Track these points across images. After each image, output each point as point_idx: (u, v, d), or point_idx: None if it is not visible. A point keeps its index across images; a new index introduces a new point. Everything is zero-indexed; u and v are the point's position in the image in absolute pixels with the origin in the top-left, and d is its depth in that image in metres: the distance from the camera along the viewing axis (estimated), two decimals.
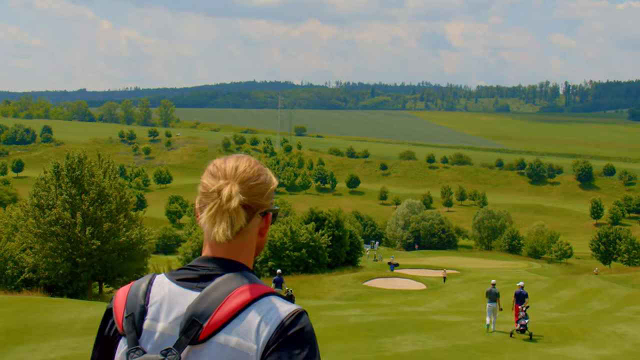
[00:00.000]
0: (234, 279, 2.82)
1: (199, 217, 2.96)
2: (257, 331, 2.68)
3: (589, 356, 26.61)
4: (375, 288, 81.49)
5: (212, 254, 2.94)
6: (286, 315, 2.72)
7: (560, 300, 70.39)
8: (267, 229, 3.00)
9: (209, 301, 2.74)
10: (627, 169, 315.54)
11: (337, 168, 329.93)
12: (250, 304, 2.74)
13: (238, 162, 2.97)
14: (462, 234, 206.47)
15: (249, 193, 2.88)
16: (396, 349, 27.03)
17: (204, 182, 2.96)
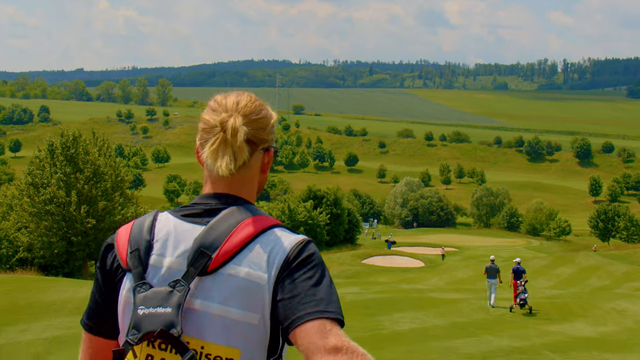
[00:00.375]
0: (239, 211, 2.79)
1: (199, 154, 2.95)
2: (267, 261, 2.65)
3: (590, 333, 26.23)
4: (373, 266, 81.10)
5: (214, 190, 2.92)
6: (295, 244, 2.70)
7: (559, 278, 70.08)
8: (269, 165, 2.99)
9: (217, 233, 2.71)
10: (626, 146, 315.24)
11: (336, 146, 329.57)
12: (258, 234, 2.71)
13: (239, 97, 2.95)
14: (461, 211, 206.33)
15: (252, 127, 2.86)
16: (394, 327, 26.63)
17: (205, 118, 2.94)
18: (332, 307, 2.56)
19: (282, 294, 2.61)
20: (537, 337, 24.09)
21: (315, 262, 2.68)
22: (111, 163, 56.87)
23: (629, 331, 26.81)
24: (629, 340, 23.62)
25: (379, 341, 22.98)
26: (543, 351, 19.16)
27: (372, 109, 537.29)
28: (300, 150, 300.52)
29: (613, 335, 25.30)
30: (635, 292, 49.24)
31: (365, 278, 68.68)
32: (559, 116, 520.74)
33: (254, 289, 2.64)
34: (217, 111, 2.91)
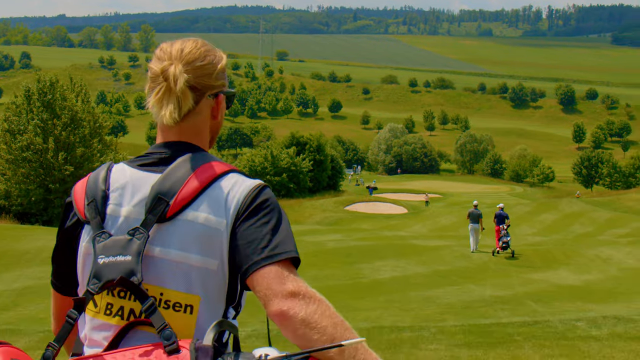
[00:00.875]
0: (195, 158, 2.76)
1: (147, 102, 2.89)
2: (225, 205, 2.65)
3: (573, 281, 25.77)
4: (356, 212, 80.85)
5: (165, 139, 2.89)
6: (251, 188, 2.68)
7: (542, 224, 69.90)
8: (219, 111, 2.92)
9: (174, 179, 2.69)
10: (610, 93, 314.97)
11: (319, 92, 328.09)
12: (215, 179, 2.69)
13: (184, 44, 2.89)
14: (445, 158, 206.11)
15: (196, 74, 2.81)
16: (374, 275, 26.18)
17: (150, 66, 2.88)
18: (289, 250, 2.57)
19: (239, 240, 2.61)
20: (520, 286, 23.62)
21: (271, 207, 2.67)
22: (89, 109, 55.92)
23: (613, 279, 26.38)
24: (614, 289, 23.14)
25: (359, 290, 22.51)
26: (526, 301, 18.66)
27: (356, 55, 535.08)
28: (284, 96, 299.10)
29: (597, 284, 24.84)
30: (618, 239, 48.93)
31: (348, 225, 68.42)
32: (543, 63, 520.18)
33: (213, 235, 2.63)
34: (162, 59, 2.85)
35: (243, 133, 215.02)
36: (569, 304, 18.23)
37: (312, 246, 32.24)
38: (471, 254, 33.52)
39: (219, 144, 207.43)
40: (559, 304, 18.19)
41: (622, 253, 33.06)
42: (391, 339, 12.86)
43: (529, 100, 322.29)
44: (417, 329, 13.87)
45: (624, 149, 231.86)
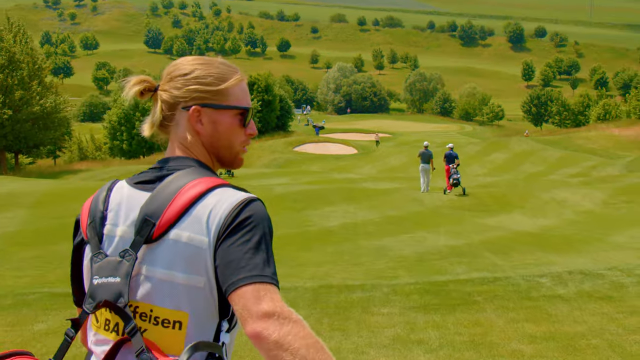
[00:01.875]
0: (185, 174, 2.80)
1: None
2: (207, 223, 2.65)
3: (530, 227, 24.82)
4: (305, 153, 79.98)
5: (166, 154, 2.96)
6: (235, 205, 2.67)
7: (492, 164, 69.45)
8: (200, 125, 2.89)
9: (160, 199, 2.74)
10: (558, 31, 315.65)
11: (268, 32, 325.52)
12: (200, 197, 2.71)
13: (182, 59, 2.97)
14: (394, 97, 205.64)
15: (170, 86, 2.87)
16: (323, 223, 25.03)
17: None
18: (268, 271, 2.57)
19: (220, 259, 2.63)
20: (475, 234, 22.54)
21: (253, 225, 2.65)
22: (28, 50, 53.97)
23: (570, 224, 25.48)
24: (573, 236, 22.13)
25: (307, 240, 21.32)
26: (483, 253, 17.56)
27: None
28: (232, 36, 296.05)
29: (555, 230, 23.89)
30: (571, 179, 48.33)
31: (297, 166, 67.53)
32: (491, 1, 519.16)
33: (196, 253, 2.65)
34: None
35: None
36: (529, 255, 17.18)
37: (259, 191, 30.95)
38: (423, 197, 32.59)
39: None
40: (518, 255, 17.13)
41: (578, 195, 32.17)
42: (340, 301, 11.74)
43: (478, 39, 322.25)
44: (368, 288, 12.76)
45: (572, 86, 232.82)
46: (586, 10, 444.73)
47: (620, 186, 34.83)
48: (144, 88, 2.89)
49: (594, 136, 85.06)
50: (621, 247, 18.86)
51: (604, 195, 32.01)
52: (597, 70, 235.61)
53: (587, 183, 39.26)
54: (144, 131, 2.91)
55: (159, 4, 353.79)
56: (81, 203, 2.97)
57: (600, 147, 79.14)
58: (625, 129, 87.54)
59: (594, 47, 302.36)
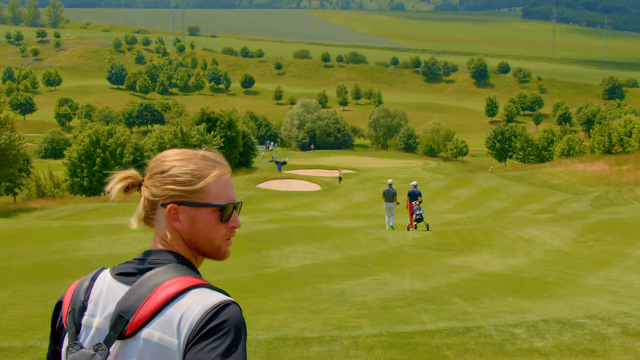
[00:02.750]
0: (164, 272, 2.81)
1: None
2: (178, 325, 2.65)
3: (499, 267, 23.79)
4: (268, 190, 78.97)
5: (153, 246, 2.99)
6: (208, 309, 2.66)
7: (457, 200, 68.80)
8: (177, 222, 2.93)
9: (136, 296, 2.76)
10: (522, 67, 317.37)
11: (232, 68, 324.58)
12: (175, 297, 2.72)
13: (165, 152, 3.05)
14: (358, 133, 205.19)
15: (149, 183, 2.94)
16: (282, 264, 23.87)
17: None
18: None
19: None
20: (442, 275, 21.45)
21: (225, 330, 2.63)
22: None
23: (540, 264, 24.48)
24: (544, 278, 21.09)
25: (264, 284, 20.11)
26: (451, 298, 16.44)
27: (268, 29, 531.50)
28: (196, 72, 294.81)
29: (525, 271, 22.85)
30: (538, 216, 47.76)
31: (260, 203, 66.43)
32: (455, 37, 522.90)
33: (166, 354, 2.66)
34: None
35: (154, 110, 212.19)
36: (500, 300, 16.08)
37: None
38: (387, 235, 31.57)
39: (129, 120, 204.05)
40: (488, 300, 16.03)
41: (546, 233, 31.20)
42: (295, 357, 10.60)
43: (442, 74, 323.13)
44: (327, 340, 11.62)
45: (536, 122, 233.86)
46: (549, 47, 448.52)
47: (588, 223, 33.94)
48: (128, 184, 2.96)
49: (559, 172, 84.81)
50: (597, 291, 17.86)
51: (573, 233, 31.08)
52: (560, 106, 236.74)
53: (555, 220, 38.53)
54: (132, 224, 2.96)
55: (122, 40, 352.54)
56: (25, 245, 3.06)
57: (565, 183, 78.90)
58: (590, 164, 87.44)
59: (557, 82, 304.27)
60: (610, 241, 28.92)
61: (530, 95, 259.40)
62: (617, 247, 27.91)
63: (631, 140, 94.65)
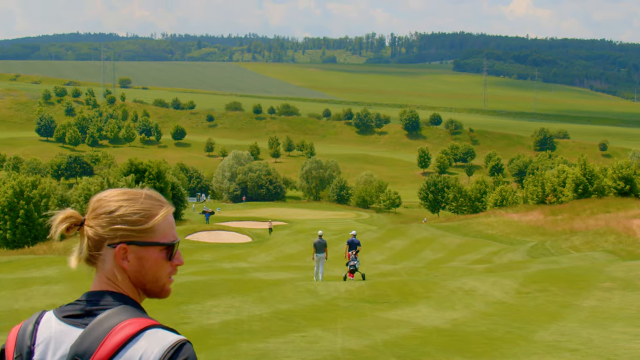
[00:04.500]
0: (117, 313, 2.82)
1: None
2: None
3: (438, 321, 21.81)
4: (197, 242, 77.01)
5: (92, 288, 2.99)
6: (167, 348, 2.68)
7: (392, 250, 67.75)
8: (126, 262, 2.95)
9: (91, 339, 2.75)
10: (453, 118, 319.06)
11: (163, 120, 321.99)
12: (131, 339, 2.71)
13: (107, 192, 3.06)
14: (290, 184, 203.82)
15: (94, 222, 2.94)
16: (202, 320, 21.62)
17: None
18: None
19: None
20: (378, 331, 19.34)
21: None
22: None
23: (484, 317, 22.53)
24: (490, 333, 19.06)
25: None
26: (389, 358, 14.42)
27: (200, 82, 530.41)
28: (126, 124, 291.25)
29: (467, 325, 20.87)
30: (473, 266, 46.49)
31: (189, 255, 64.31)
32: (387, 90, 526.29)
33: None
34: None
35: (83, 162, 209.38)
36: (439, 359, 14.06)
37: None
38: (318, 288, 29.43)
39: (57, 172, 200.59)
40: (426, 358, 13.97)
41: (487, 284, 29.28)
42: None
43: (374, 126, 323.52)
44: None
45: (468, 173, 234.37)
46: (480, 99, 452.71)
47: (529, 273, 32.29)
48: (70, 224, 2.93)
49: (494, 222, 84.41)
50: (554, 349, 15.92)
51: (515, 283, 29.23)
52: (492, 157, 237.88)
53: (492, 270, 37.20)
54: (71, 263, 2.93)
55: (52, 92, 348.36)
56: None
57: (500, 233, 78.46)
58: (525, 214, 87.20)
59: (488, 134, 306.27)
60: (556, 292, 27.16)
61: (462, 146, 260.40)
62: (563, 298, 26.16)
63: (565, 190, 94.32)
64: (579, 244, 59.91)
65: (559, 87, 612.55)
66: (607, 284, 27.74)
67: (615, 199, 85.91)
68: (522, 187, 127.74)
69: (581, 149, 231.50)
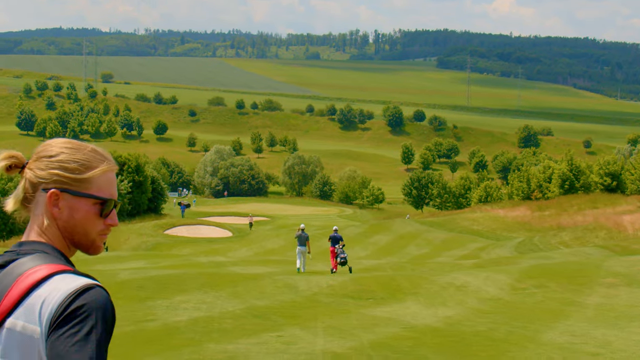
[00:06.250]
0: (29, 260, 2.75)
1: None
2: (39, 312, 2.59)
3: (430, 318, 19.79)
4: (177, 237, 75.20)
5: (24, 237, 2.92)
6: (68, 294, 2.60)
7: (375, 246, 66.24)
8: (57, 209, 2.88)
9: (1, 286, 2.70)
10: (437, 115, 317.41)
11: (145, 115, 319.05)
12: (37, 285, 2.65)
13: (54, 139, 3.00)
14: (273, 180, 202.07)
15: (35, 165, 2.89)
16: (168, 317, 19.47)
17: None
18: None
19: (49, 350, 2.55)
20: (364, 331, 17.21)
21: (84, 315, 2.57)
22: None
23: (480, 315, 20.52)
24: (492, 333, 16.94)
25: (138, 343, 15.73)
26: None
27: (183, 77, 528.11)
28: (108, 118, 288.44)
29: (463, 324, 18.82)
30: (461, 261, 44.85)
31: (167, 250, 62.99)
32: (370, 86, 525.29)
33: (29, 343, 2.59)
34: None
35: None
36: None
37: (99, 277, 25.29)
38: (298, 282, 27.32)
39: None
40: None
41: (479, 279, 27.25)
42: None
43: (357, 122, 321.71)
44: None
45: (452, 170, 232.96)
46: (464, 96, 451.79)
47: (524, 269, 30.31)
48: (11, 164, 2.89)
49: (479, 217, 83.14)
50: (569, 351, 13.89)
51: (509, 279, 27.25)
52: (476, 154, 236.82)
53: (481, 265, 35.27)
54: (8, 206, 2.88)
55: (32, 86, 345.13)
56: None
57: (486, 229, 77.13)
58: (511, 209, 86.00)
59: (472, 131, 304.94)
60: (554, 288, 25.22)
61: (446, 143, 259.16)
62: (563, 294, 24.22)
63: (551, 186, 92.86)
64: (569, 239, 58.75)
65: (543, 84, 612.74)
66: (610, 280, 25.88)
67: (603, 195, 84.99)
68: (507, 184, 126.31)
69: (565, 146, 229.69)
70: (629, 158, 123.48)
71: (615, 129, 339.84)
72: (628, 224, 59.88)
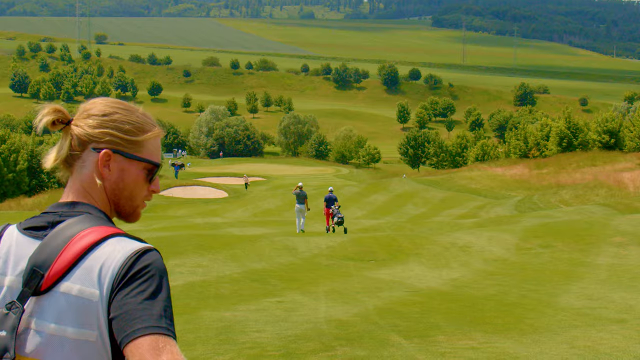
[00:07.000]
0: (78, 222, 2.66)
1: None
2: (98, 276, 2.53)
3: (435, 281, 19.00)
4: (172, 198, 74.42)
5: (64, 198, 2.81)
6: (129, 255, 2.53)
7: (372, 205, 65.37)
8: (107, 169, 2.76)
9: (50, 249, 2.60)
10: (432, 73, 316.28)
11: (139, 75, 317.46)
12: (92, 247, 2.57)
13: (102, 98, 2.88)
14: (268, 140, 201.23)
15: (83, 122, 2.77)
16: None
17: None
18: (165, 322, 2.46)
19: (115, 311, 2.50)
20: (368, 295, 16.29)
21: (149, 275, 2.53)
22: None
23: (487, 277, 19.70)
24: (503, 297, 15.98)
25: None
26: (387, 334, 11.28)
27: (177, 37, 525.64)
28: (102, 79, 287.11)
29: (471, 286, 18.01)
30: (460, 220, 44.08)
31: (162, 211, 62.02)
32: (365, 45, 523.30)
33: (87, 307, 2.54)
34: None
35: None
36: (461, 335, 11.08)
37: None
38: (297, 244, 26.56)
39: (31, 128, 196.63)
40: (445, 339, 10.94)
41: (483, 239, 26.47)
42: None
43: (353, 81, 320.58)
44: None
45: (448, 128, 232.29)
46: (459, 54, 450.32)
47: (528, 227, 29.53)
48: (57, 118, 2.75)
49: (477, 176, 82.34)
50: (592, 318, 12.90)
51: (514, 238, 26.49)
52: (472, 112, 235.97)
53: (482, 225, 34.47)
54: (47, 162, 2.76)
55: (26, 47, 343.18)
56: None
57: (484, 187, 76.39)
58: (509, 168, 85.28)
59: (468, 89, 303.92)
60: (561, 248, 24.47)
61: (441, 101, 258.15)
62: (571, 254, 23.46)
63: (548, 144, 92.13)
64: (569, 197, 57.97)
65: (538, 42, 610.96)
66: (618, 239, 25.10)
67: (601, 153, 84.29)
68: (504, 142, 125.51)
69: (561, 104, 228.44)
70: (626, 115, 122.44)
71: (611, 86, 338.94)
72: (629, 182, 59.21)
